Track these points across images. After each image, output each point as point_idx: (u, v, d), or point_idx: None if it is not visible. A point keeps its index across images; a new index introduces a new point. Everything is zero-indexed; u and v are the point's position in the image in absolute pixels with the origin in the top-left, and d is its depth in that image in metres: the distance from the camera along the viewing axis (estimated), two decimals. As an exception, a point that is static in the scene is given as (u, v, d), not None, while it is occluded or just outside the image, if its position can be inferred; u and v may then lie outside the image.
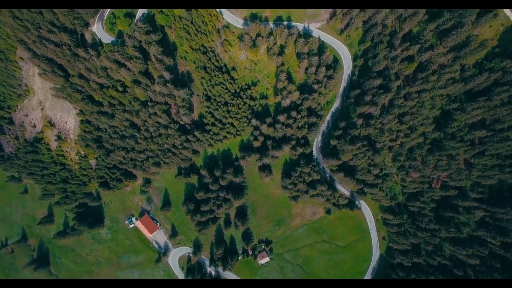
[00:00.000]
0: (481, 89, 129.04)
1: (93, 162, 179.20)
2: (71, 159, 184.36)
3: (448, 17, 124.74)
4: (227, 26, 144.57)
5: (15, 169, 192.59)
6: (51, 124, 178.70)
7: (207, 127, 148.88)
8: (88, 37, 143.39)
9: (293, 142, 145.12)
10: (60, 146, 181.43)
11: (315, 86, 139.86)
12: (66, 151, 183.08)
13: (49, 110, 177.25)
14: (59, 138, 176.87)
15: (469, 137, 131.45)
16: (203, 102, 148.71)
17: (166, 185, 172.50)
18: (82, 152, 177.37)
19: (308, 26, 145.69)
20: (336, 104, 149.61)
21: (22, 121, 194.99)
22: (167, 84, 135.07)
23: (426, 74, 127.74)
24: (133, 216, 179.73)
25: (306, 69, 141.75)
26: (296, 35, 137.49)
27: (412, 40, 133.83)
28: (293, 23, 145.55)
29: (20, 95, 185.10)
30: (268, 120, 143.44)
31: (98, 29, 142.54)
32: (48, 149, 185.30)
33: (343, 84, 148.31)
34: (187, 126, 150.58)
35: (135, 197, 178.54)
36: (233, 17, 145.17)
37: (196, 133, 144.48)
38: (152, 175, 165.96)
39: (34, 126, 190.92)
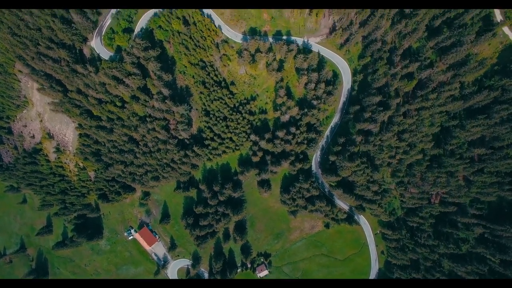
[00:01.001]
0: (480, 106, 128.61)
1: (92, 174, 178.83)
2: (70, 170, 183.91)
3: (448, 35, 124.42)
4: (226, 41, 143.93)
5: (13, 180, 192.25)
6: (50, 136, 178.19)
7: (206, 142, 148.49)
8: (86, 52, 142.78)
9: (292, 158, 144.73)
10: (59, 158, 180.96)
11: (314, 102, 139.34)
12: (65, 163, 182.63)
13: (47, 122, 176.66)
14: (58, 150, 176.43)
15: (468, 154, 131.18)
16: (202, 116, 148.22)
17: (165, 197, 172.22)
18: (81, 164, 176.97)
19: (308, 40, 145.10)
20: (336, 119, 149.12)
21: (21, 131, 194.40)
22: (166, 101, 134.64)
23: (426, 92, 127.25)
24: (132, 228, 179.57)
25: (306, 84, 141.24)
26: (296, 51, 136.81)
27: (412, 56, 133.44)
28: (293, 38, 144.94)
29: (18, 106, 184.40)
30: (267, 135, 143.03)
31: (97, 44, 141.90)
32: (46, 160, 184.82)
33: (342, 98, 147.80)
34: (186, 140, 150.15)
35: (134, 209, 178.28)
36: (232, 32, 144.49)
37: (195, 148, 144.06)
38: (151, 188, 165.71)
39: (33, 136, 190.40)
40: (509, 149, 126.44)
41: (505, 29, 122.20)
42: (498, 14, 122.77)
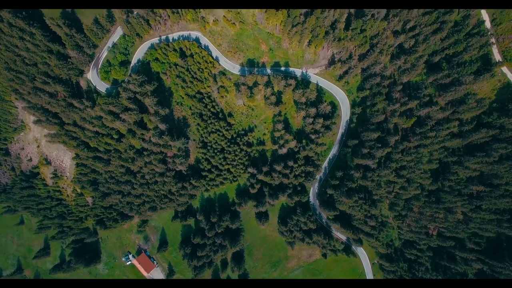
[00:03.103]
0: (479, 143, 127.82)
1: (89, 199, 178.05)
2: (67, 195, 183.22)
3: (447, 73, 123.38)
4: (223, 73, 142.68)
5: (10, 202, 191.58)
6: (47, 161, 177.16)
7: (203, 173, 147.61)
8: (83, 84, 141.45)
9: (290, 191, 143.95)
10: (56, 183, 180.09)
11: (312, 136, 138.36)
12: (63, 188, 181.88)
13: (45, 148, 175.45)
14: (55, 176, 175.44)
15: (467, 191, 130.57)
16: (199, 148, 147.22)
17: (163, 224, 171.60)
18: (79, 190, 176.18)
19: (306, 71, 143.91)
20: (334, 150, 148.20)
21: (18, 153, 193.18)
22: (163, 136, 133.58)
23: (425, 130, 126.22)
24: (130, 253, 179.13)
25: (304, 117, 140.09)
26: (294, 85, 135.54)
27: (411, 91, 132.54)
28: (291, 69, 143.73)
29: (16, 129, 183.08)
30: (265, 168, 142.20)
31: (93, 76, 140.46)
32: (44, 185, 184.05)
33: (341, 130, 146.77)
34: (183, 171, 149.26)
35: (132, 235, 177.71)
36: (229, 63, 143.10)
37: (192, 181, 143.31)
38: (149, 216, 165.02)
39: (30, 159, 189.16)
40: (507, 186, 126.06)
41: (503, 68, 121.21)
42: (496, 53, 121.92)
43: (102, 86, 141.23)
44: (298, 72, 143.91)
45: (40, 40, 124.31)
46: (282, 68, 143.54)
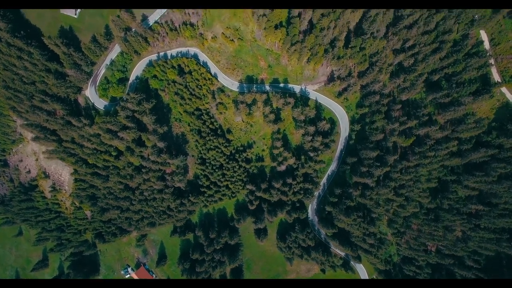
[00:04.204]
0: (478, 162, 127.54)
1: (88, 213, 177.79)
2: (66, 208, 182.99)
3: (446, 92, 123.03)
4: (222, 90, 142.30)
5: (9, 214, 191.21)
6: (45, 175, 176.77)
7: (202, 189, 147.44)
8: (81, 101, 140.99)
9: (288, 207, 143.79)
10: (55, 196, 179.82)
11: (311, 154, 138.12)
12: (61, 200, 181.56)
13: (43, 161, 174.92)
14: (54, 189, 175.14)
15: (466, 210, 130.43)
16: (197, 164, 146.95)
17: (162, 238, 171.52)
18: (77, 204, 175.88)
19: (305, 88, 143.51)
20: (333, 167, 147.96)
21: (17, 165, 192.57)
22: (161, 154, 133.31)
23: (424, 150, 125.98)
24: (129, 267, 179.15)
25: (303, 135, 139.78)
26: (293, 104, 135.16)
27: (411, 109, 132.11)
28: (290, 85, 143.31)
29: (14, 141, 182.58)
30: (263, 185, 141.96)
31: (91, 94, 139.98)
32: (43, 197, 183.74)
33: (340, 146, 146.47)
34: (182, 188, 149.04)
35: (131, 248, 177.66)
36: (228, 80, 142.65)
37: (191, 197, 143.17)
38: (148, 231, 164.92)
39: (29, 171, 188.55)
40: (506, 205, 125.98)
41: (502, 88, 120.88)
42: (495, 73, 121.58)
43: (100, 103, 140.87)
44: (297, 88, 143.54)
45: (38, 59, 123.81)
46: (281, 85, 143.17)
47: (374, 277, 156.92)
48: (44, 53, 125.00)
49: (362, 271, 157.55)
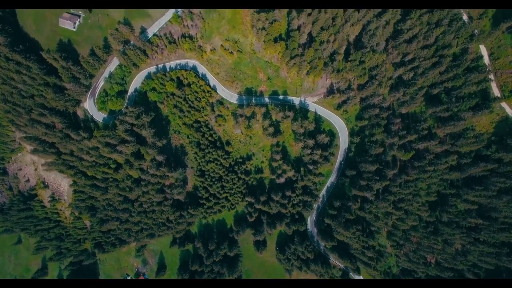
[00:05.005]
0: (478, 175, 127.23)
1: (87, 222, 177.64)
2: (65, 217, 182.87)
3: (446, 107, 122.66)
4: (221, 102, 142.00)
5: (8, 223, 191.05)
6: (44, 185, 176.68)
7: (201, 201, 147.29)
8: (80, 113, 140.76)
9: (288, 220, 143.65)
10: (54, 205, 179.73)
11: (311, 167, 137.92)
12: (60, 210, 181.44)
13: (42, 171, 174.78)
14: (53, 199, 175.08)
15: (465, 223, 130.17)
16: (197, 176, 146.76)
17: (161, 248, 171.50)
18: (76, 214, 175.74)
19: (305, 100, 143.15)
20: (332, 178, 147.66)
21: (16, 173, 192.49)
22: (160, 168, 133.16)
23: (423, 164, 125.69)
24: (129, 276, 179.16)
25: (302, 147, 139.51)
26: (292, 117, 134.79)
27: (410, 121, 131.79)
28: (289, 97, 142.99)
29: (13, 150, 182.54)
30: (263, 198, 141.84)
31: (90, 106, 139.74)
32: (42, 206, 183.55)
33: (339, 158, 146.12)
34: (181, 200, 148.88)
35: (131, 258, 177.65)
36: (227, 92, 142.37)
37: (190, 210, 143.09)
38: (147, 242, 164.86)
39: (28, 180, 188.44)
40: (506, 219, 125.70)
41: (502, 103, 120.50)
42: (494, 87, 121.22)
43: (99, 116, 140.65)
44: (296, 100, 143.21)
45: (36, 73, 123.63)
46: (280, 97, 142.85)
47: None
48: (42, 67, 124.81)
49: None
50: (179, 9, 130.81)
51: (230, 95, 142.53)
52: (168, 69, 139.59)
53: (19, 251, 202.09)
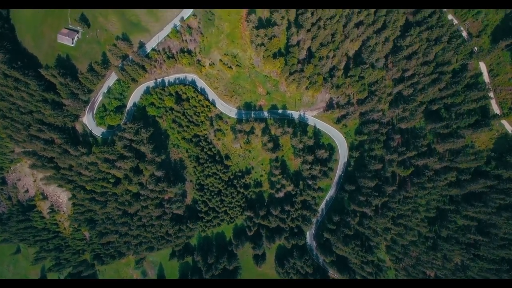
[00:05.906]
0: (477, 191, 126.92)
1: (87, 234, 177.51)
2: (64, 228, 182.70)
3: (445, 123, 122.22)
4: (220, 116, 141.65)
5: (6, 234, 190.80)
6: (43, 196, 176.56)
7: (200, 215, 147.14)
8: (78, 128, 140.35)
9: (287, 234, 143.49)
10: (53, 216, 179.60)
11: (310, 182, 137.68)
12: (59, 221, 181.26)
13: (41, 182, 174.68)
14: (52, 210, 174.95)
15: (465, 239, 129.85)
16: (196, 190, 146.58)
17: (160, 259, 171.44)
18: (76, 226, 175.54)
19: (304, 114, 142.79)
20: (331, 192, 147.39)
21: (15, 183, 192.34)
22: (159, 183, 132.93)
23: (422, 181, 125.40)
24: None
25: (301, 163, 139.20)
26: (291, 133, 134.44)
27: (410, 136, 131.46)
28: (289, 112, 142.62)
29: (12, 161, 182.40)
30: (262, 212, 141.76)
31: (89, 120, 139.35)
32: (41, 217, 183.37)
33: (338, 172, 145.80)
34: (180, 213, 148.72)
35: (130, 270, 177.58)
36: (226, 106, 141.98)
37: (189, 224, 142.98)
38: (147, 254, 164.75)
39: (27, 191, 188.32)
40: (506, 235, 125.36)
41: (503, 121, 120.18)
42: (494, 104, 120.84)
43: (98, 131, 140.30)
44: (295, 114, 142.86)
45: (34, 90, 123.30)
46: (280, 111, 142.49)
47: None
48: (41, 83, 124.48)
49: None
50: (177, 24, 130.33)
51: (229, 110, 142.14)
52: (167, 84, 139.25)
53: (18, 260, 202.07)
